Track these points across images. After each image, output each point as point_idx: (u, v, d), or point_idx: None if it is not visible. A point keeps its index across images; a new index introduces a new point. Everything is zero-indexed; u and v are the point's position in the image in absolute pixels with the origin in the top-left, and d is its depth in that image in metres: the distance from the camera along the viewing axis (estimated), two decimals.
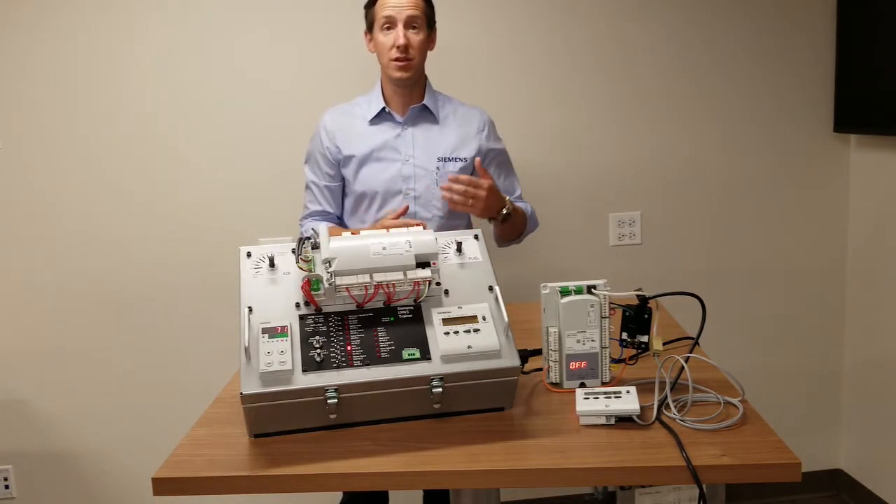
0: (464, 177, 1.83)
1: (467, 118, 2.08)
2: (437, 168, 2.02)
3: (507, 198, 1.94)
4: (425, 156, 2.02)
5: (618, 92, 2.59)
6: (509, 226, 1.98)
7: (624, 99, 2.59)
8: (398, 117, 2.04)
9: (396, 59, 1.94)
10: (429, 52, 2.04)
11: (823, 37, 2.62)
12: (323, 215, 2.09)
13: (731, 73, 2.62)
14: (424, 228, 1.48)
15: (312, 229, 1.45)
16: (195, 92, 2.45)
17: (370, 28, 2.01)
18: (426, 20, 1.97)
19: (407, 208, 1.94)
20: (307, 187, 2.11)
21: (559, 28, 2.54)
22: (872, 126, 2.48)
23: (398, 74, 1.96)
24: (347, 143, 2.03)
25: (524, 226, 2.08)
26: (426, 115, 2.05)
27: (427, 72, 2.07)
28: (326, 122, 2.07)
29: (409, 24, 1.93)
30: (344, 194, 2.10)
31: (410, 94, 2.03)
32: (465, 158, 2.04)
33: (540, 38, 2.53)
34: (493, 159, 2.11)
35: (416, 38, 1.95)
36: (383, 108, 2.03)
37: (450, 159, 2.03)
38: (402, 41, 1.92)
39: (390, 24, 1.93)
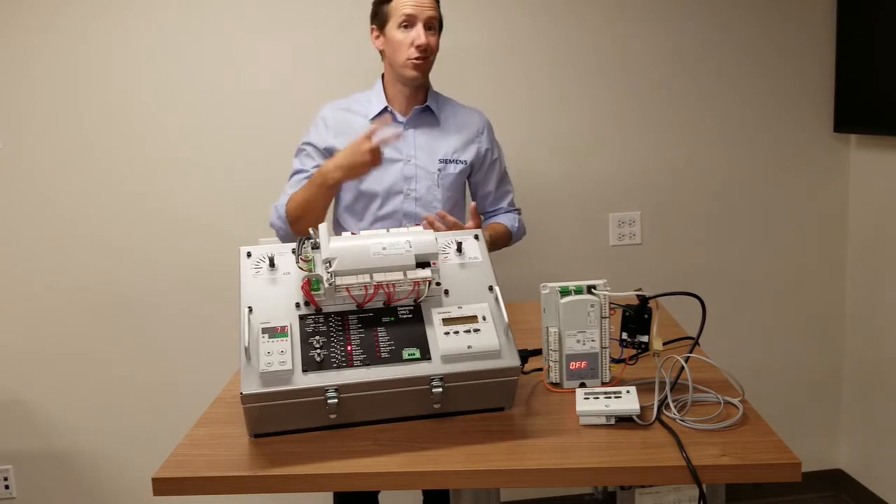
0: (450, 219, 1.77)
1: (468, 120, 2.08)
2: (439, 170, 2.01)
3: (487, 242, 1.92)
4: (427, 157, 2.01)
5: (618, 92, 2.59)
6: None
7: (624, 99, 2.59)
8: (400, 117, 2.03)
9: (416, 59, 1.92)
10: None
11: (823, 37, 2.62)
12: None
13: (731, 73, 2.62)
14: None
15: (311, 229, 1.44)
16: (195, 92, 2.45)
17: (382, 25, 1.97)
18: (439, 24, 1.98)
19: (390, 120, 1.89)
20: (291, 176, 2.03)
21: (559, 29, 2.54)
22: (872, 126, 2.49)
23: (413, 73, 1.94)
24: (347, 140, 1.99)
25: (503, 246, 2.10)
26: (428, 116, 2.04)
27: None
28: (327, 117, 2.03)
29: (428, 24, 1.92)
30: (339, 190, 2.07)
31: (414, 95, 2.02)
32: (465, 161, 2.04)
33: (540, 39, 2.54)
34: (492, 165, 2.11)
35: (433, 39, 1.94)
36: (386, 107, 2.02)
37: (451, 161, 2.03)
38: (422, 41, 1.89)
39: (409, 22, 1.91)
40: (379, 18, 1.98)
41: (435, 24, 1.94)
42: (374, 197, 2.00)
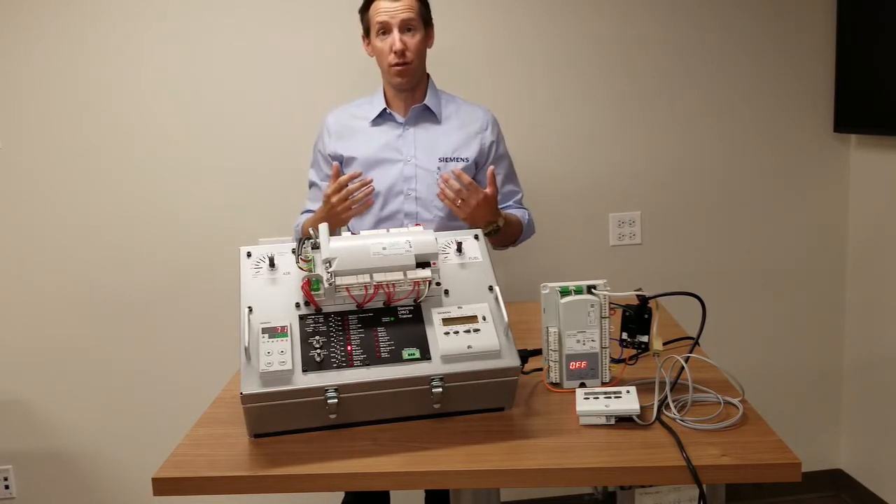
0: (466, 177, 1.79)
1: (470, 117, 2.08)
2: (439, 168, 2.01)
3: (501, 214, 1.91)
4: (426, 156, 2.02)
5: (618, 92, 2.59)
6: (496, 238, 1.96)
7: (624, 99, 2.59)
8: (399, 118, 2.04)
9: (395, 65, 1.94)
10: (429, 51, 2.03)
11: (823, 37, 2.62)
12: None
13: (731, 73, 2.62)
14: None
15: (311, 229, 1.45)
16: (195, 92, 2.45)
17: (367, 33, 2.01)
18: (421, 20, 1.97)
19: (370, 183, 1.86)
20: (309, 188, 2.12)
21: (559, 28, 2.54)
22: (872, 126, 2.49)
23: (397, 80, 1.97)
24: (349, 145, 2.03)
25: (516, 236, 2.07)
26: (427, 115, 2.05)
27: (427, 71, 2.07)
28: (329, 124, 2.07)
29: (404, 27, 1.93)
30: None
31: (412, 95, 2.03)
32: (466, 158, 2.04)
33: (540, 38, 2.53)
34: (498, 160, 2.10)
35: (412, 40, 1.94)
36: (384, 109, 2.03)
37: (451, 159, 2.02)
38: (398, 46, 1.92)
39: (385, 29, 1.93)
40: (364, 29, 2.02)
41: (414, 24, 1.94)
42: (376, 198, 2.01)
